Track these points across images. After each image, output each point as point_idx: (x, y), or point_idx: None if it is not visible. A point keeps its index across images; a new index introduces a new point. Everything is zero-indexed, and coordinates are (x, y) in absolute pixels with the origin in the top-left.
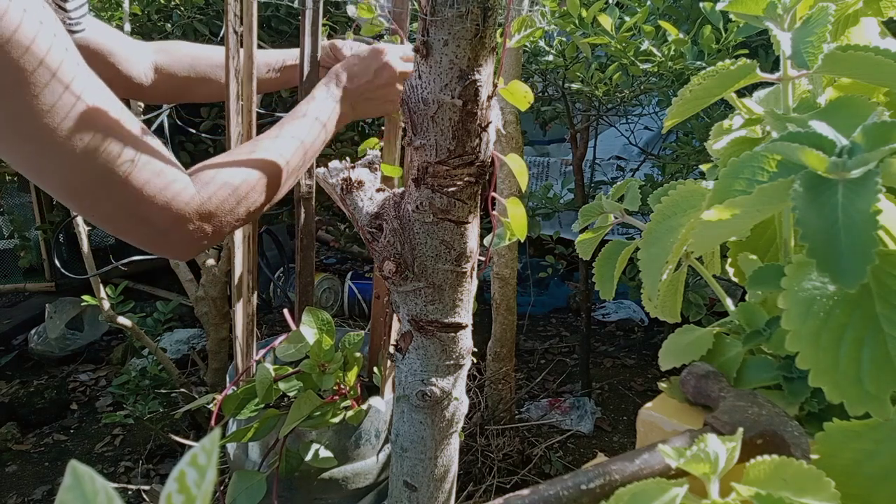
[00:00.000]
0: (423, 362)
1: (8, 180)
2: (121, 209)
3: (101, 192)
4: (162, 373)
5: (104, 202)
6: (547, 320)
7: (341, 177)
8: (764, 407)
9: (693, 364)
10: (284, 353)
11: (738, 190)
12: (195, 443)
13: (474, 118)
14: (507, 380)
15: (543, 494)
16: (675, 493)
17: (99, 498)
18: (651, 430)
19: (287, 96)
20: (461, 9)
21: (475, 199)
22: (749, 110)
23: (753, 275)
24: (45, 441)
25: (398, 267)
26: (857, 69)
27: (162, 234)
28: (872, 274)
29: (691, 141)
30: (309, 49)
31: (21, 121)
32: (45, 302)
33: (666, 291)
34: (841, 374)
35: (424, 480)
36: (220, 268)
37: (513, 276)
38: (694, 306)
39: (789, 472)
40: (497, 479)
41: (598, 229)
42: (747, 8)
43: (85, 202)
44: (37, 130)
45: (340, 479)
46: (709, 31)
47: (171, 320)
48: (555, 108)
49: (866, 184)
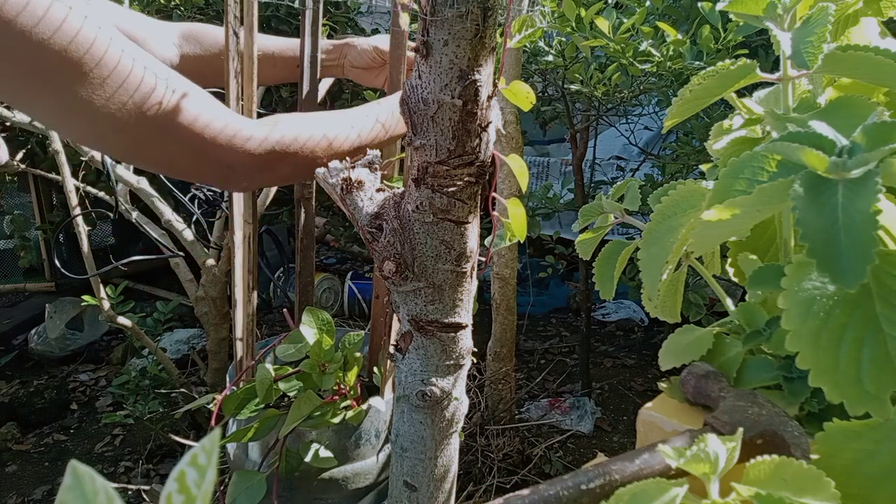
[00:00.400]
0: (423, 362)
1: (8, 180)
2: (186, 152)
3: (166, 142)
4: (162, 373)
5: (170, 149)
6: (547, 320)
7: (341, 177)
8: (764, 407)
9: (693, 364)
10: (284, 353)
11: (738, 190)
12: (195, 443)
13: (474, 118)
14: (507, 380)
15: (543, 494)
16: (675, 493)
17: (99, 498)
18: (651, 430)
19: (287, 96)
20: (461, 9)
21: (475, 199)
22: (749, 110)
23: (753, 275)
24: (45, 441)
25: (398, 267)
26: (857, 69)
27: (227, 168)
28: (872, 274)
29: (691, 141)
30: (309, 49)
31: (79, 94)
32: (45, 302)
33: (666, 291)
34: (841, 374)
35: (424, 480)
36: (220, 268)
37: (513, 276)
38: (694, 306)
39: (789, 472)
40: (497, 479)
41: (598, 229)
42: (747, 8)
43: (152, 153)
44: (98, 99)
45: (340, 479)
46: (708, 31)
47: (171, 320)
48: (555, 108)
49: (866, 184)
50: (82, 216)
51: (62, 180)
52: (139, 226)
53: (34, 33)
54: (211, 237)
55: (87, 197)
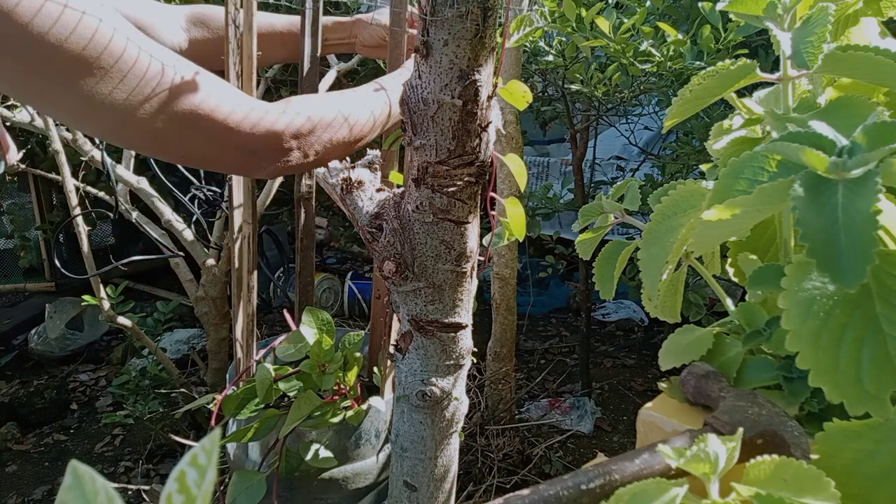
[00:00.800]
0: (423, 362)
1: (8, 180)
2: (211, 141)
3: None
4: (162, 373)
5: (194, 139)
6: (547, 320)
7: (341, 177)
8: (764, 407)
9: (693, 364)
10: (284, 353)
11: (738, 190)
12: (195, 443)
13: (474, 118)
14: (507, 380)
15: (543, 494)
16: (675, 493)
17: (99, 498)
18: (651, 430)
19: (287, 95)
20: (461, 9)
21: (475, 199)
22: (749, 110)
23: (753, 275)
24: (45, 441)
25: (398, 267)
26: (857, 69)
27: (252, 154)
28: (872, 274)
29: (691, 141)
30: (309, 49)
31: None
32: (45, 302)
33: (666, 291)
34: (841, 374)
35: (424, 480)
36: (220, 268)
37: (513, 276)
38: (694, 306)
39: (789, 472)
40: (497, 479)
41: (598, 229)
42: (747, 8)
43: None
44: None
45: (340, 479)
46: (708, 31)
47: (171, 320)
48: (555, 108)
49: (866, 184)
50: (82, 216)
51: (62, 180)
52: (139, 226)
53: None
54: (211, 237)
55: (87, 197)
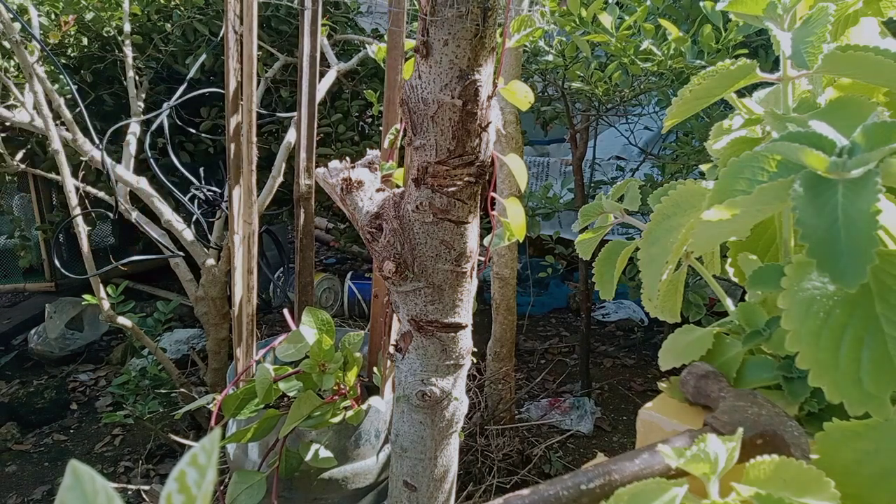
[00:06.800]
0: (423, 362)
1: (8, 180)
2: None
3: None
4: (162, 373)
5: None
6: (547, 320)
7: (341, 177)
8: (764, 407)
9: (693, 364)
10: (284, 353)
11: (738, 190)
12: (195, 443)
13: (474, 118)
14: (507, 380)
15: (543, 494)
16: (675, 493)
17: (99, 498)
18: (651, 430)
19: (287, 96)
20: (461, 9)
21: (475, 199)
22: (749, 110)
23: (753, 275)
24: (45, 441)
25: (398, 267)
26: (857, 69)
27: None
28: (872, 274)
29: (691, 141)
30: (308, 49)
31: None
32: (45, 302)
33: (666, 291)
34: (841, 374)
35: (424, 480)
36: (220, 268)
37: (513, 276)
38: (694, 306)
39: (789, 472)
40: (497, 479)
41: (598, 229)
42: (747, 8)
43: None
44: None
45: (340, 479)
46: (709, 30)
47: (171, 320)
48: (555, 108)
49: (866, 184)
50: (82, 216)
51: (62, 180)
52: (139, 226)
53: None
54: (211, 237)
55: (87, 197)
